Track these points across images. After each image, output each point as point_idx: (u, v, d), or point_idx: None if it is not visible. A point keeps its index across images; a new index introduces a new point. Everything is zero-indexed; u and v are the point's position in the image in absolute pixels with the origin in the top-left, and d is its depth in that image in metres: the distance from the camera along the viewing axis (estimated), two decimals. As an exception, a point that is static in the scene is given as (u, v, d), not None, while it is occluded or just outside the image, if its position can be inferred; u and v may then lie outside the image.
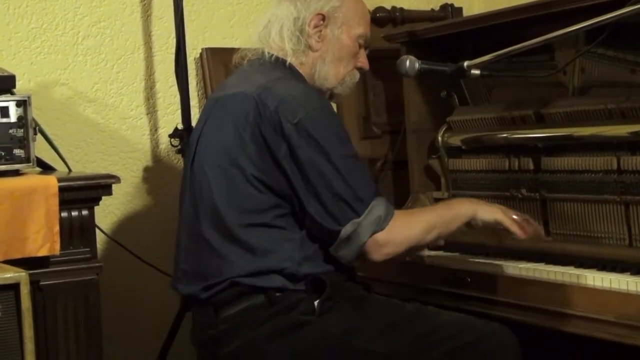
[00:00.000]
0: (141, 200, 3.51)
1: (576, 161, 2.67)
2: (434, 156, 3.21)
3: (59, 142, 3.14)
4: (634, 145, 2.54)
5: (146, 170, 3.52)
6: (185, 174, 2.57)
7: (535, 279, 2.49)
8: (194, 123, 2.80)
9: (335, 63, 2.58)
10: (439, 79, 2.91)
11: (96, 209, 2.68)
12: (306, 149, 2.35)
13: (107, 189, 2.66)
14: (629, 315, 2.21)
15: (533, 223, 2.58)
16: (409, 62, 2.67)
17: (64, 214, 2.59)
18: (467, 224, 2.54)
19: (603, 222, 2.63)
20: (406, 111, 3.29)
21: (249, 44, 2.63)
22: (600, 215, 2.63)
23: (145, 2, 3.50)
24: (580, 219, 2.69)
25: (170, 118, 3.53)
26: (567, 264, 2.50)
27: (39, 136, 2.77)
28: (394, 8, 3.61)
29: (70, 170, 2.98)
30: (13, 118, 2.64)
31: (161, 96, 3.54)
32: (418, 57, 2.68)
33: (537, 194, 2.81)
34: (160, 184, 3.53)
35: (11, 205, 2.49)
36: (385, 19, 3.57)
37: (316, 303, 2.37)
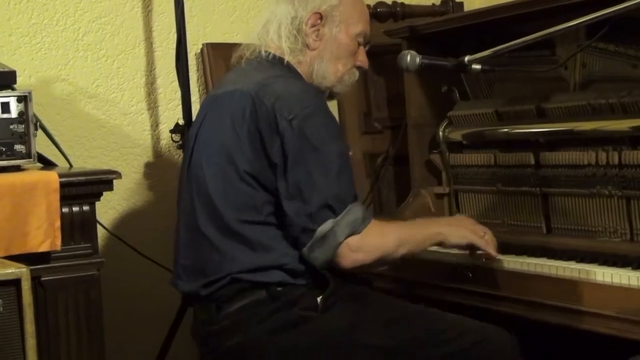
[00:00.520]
0: (142, 195, 3.51)
1: (577, 156, 2.67)
2: (434, 151, 3.21)
3: (59, 137, 3.14)
4: (635, 139, 2.54)
5: (147, 165, 3.52)
6: (183, 170, 2.57)
7: (537, 274, 2.49)
8: (195, 118, 2.80)
9: (333, 62, 2.58)
10: (439, 74, 2.92)
11: (97, 204, 2.68)
12: (297, 144, 2.34)
13: (108, 185, 2.67)
14: (630, 310, 2.21)
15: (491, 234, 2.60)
16: (410, 57, 2.67)
17: (65, 210, 2.59)
18: (439, 244, 2.55)
19: (604, 216, 2.63)
20: (407, 106, 3.29)
21: (248, 42, 2.63)
22: (601, 210, 2.63)
23: (146, -3, 3.51)
24: (582, 214, 2.69)
25: (171, 113, 3.53)
26: (569, 258, 2.49)
27: (39, 132, 2.78)
28: (394, 3, 3.61)
29: (71, 165, 2.98)
30: (14, 114, 2.64)
31: (162, 92, 3.54)
32: (419, 52, 2.68)
33: (538, 189, 2.81)
34: (161, 179, 3.53)
35: (12, 201, 2.50)
36: (386, 14, 3.57)
37: (319, 299, 2.37)
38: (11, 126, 2.63)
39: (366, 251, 2.37)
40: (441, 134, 3.14)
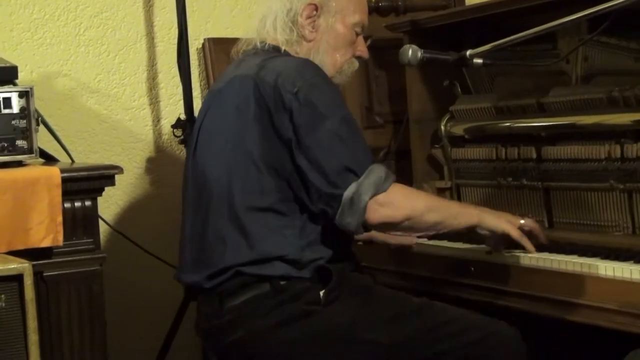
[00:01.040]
0: (144, 190, 3.51)
1: (579, 150, 2.67)
2: (436, 145, 3.20)
3: (61, 133, 3.14)
4: (637, 133, 2.53)
5: (149, 160, 3.52)
6: (187, 165, 2.57)
7: (539, 268, 2.49)
8: (196, 113, 2.80)
9: (330, 52, 2.57)
10: (441, 68, 2.91)
11: (99, 199, 2.68)
12: (306, 116, 2.35)
13: (110, 180, 2.67)
14: (632, 304, 2.21)
15: (537, 227, 2.55)
16: (412, 51, 2.66)
17: (67, 205, 2.59)
18: (471, 231, 2.51)
19: (606, 210, 2.62)
20: (409, 100, 3.28)
21: (249, 36, 2.63)
22: (603, 203, 2.63)
23: (147, -8, 3.51)
24: (584, 208, 2.69)
25: (172, 108, 3.53)
26: (571, 252, 2.49)
27: (41, 127, 2.78)
28: (396, -3, 3.61)
29: (73, 161, 2.98)
30: (16, 109, 2.64)
31: (164, 87, 3.54)
32: (420, 46, 2.67)
33: (540, 183, 2.81)
34: (163, 174, 3.53)
35: (14, 196, 2.50)
36: (387, 8, 3.56)
37: (322, 293, 2.37)
38: (13, 121, 2.64)
39: (394, 207, 2.35)
40: (443, 128, 3.14)
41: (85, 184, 2.62)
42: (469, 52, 2.63)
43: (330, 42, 2.57)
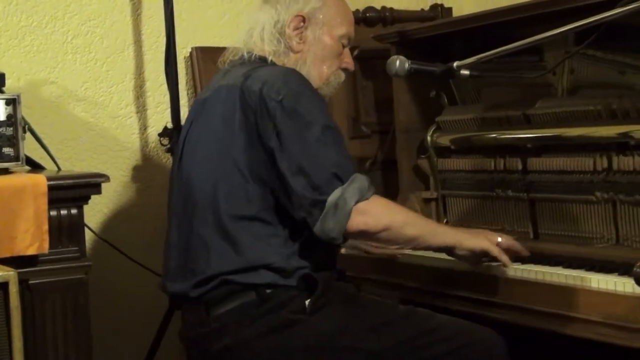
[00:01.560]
0: (130, 199, 3.51)
1: (565, 162, 2.68)
2: (422, 156, 3.21)
3: (48, 140, 3.13)
4: (622, 145, 2.55)
5: (135, 169, 3.52)
6: (173, 173, 2.58)
7: (524, 279, 2.49)
8: (183, 122, 2.80)
9: (317, 64, 2.59)
10: (428, 79, 2.92)
11: (85, 207, 2.68)
12: (291, 123, 2.35)
13: (96, 188, 2.66)
14: (616, 316, 2.21)
15: (514, 243, 2.57)
16: (399, 62, 2.67)
17: (53, 213, 2.58)
18: (450, 253, 2.53)
19: (591, 222, 2.63)
20: (395, 111, 3.29)
21: (233, 46, 2.64)
22: (588, 215, 2.64)
23: (135, 0, 3.50)
24: (569, 219, 2.69)
25: (159, 117, 3.53)
26: (556, 264, 2.49)
27: (28, 135, 2.77)
28: (384, 8, 3.62)
29: (59, 169, 2.97)
30: (2, 117, 2.64)
31: (151, 95, 3.53)
32: (408, 57, 2.68)
33: (525, 195, 2.82)
34: (150, 182, 3.52)
35: (0, 204, 2.49)
36: (375, 18, 3.57)
37: (307, 302, 2.37)
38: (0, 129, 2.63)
39: (374, 216, 2.36)
40: (429, 139, 3.15)
41: (71, 192, 2.62)
42: (456, 64, 2.64)
43: (317, 53, 2.58)
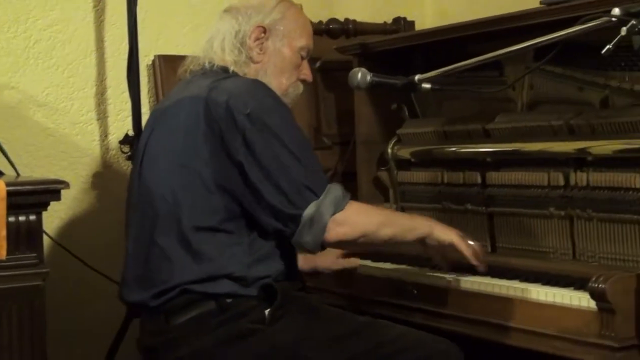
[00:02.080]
0: (89, 206, 3.49)
1: (523, 176, 2.70)
2: (382, 168, 3.23)
3: (7, 146, 3.10)
4: (579, 161, 2.58)
5: (95, 176, 3.50)
6: (133, 182, 2.57)
7: (481, 292, 2.51)
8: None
9: (277, 75, 2.60)
10: (390, 91, 2.92)
11: (44, 213, 2.66)
12: (261, 137, 2.36)
13: (55, 194, 2.64)
14: (570, 330, 2.24)
15: (481, 252, 2.59)
16: (361, 75, 2.68)
17: (11, 219, 2.55)
18: (421, 243, 2.55)
19: (548, 236, 2.66)
20: (356, 123, 3.31)
21: (193, 55, 2.64)
22: (545, 230, 2.67)
23: (99, 7, 3.49)
24: (526, 233, 2.72)
25: (121, 124, 3.51)
26: (513, 277, 2.52)
27: (-13, 140, 2.76)
28: (347, 20, 3.63)
29: (18, 174, 2.95)
30: (-38, 121, 2.62)
31: (112, 102, 3.52)
32: (370, 70, 2.69)
33: (484, 208, 2.84)
34: (109, 190, 3.51)
35: (-42, 209, 2.47)
36: (338, 30, 3.59)
37: (267, 312, 2.37)
38: (-42, 133, 2.62)
39: (351, 225, 2.39)
40: (390, 151, 3.17)
41: (30, 198, 2.59)
42: (417, 77, 2.65)
43: (277, 64, 2.59)
